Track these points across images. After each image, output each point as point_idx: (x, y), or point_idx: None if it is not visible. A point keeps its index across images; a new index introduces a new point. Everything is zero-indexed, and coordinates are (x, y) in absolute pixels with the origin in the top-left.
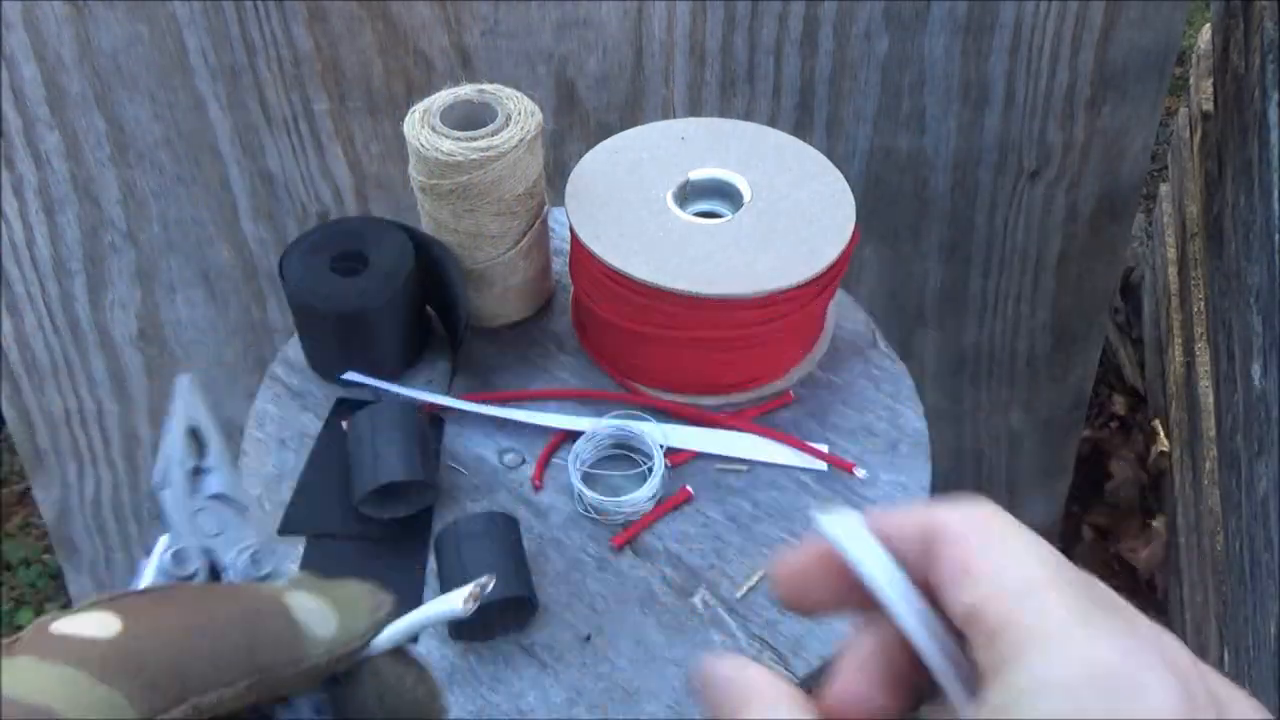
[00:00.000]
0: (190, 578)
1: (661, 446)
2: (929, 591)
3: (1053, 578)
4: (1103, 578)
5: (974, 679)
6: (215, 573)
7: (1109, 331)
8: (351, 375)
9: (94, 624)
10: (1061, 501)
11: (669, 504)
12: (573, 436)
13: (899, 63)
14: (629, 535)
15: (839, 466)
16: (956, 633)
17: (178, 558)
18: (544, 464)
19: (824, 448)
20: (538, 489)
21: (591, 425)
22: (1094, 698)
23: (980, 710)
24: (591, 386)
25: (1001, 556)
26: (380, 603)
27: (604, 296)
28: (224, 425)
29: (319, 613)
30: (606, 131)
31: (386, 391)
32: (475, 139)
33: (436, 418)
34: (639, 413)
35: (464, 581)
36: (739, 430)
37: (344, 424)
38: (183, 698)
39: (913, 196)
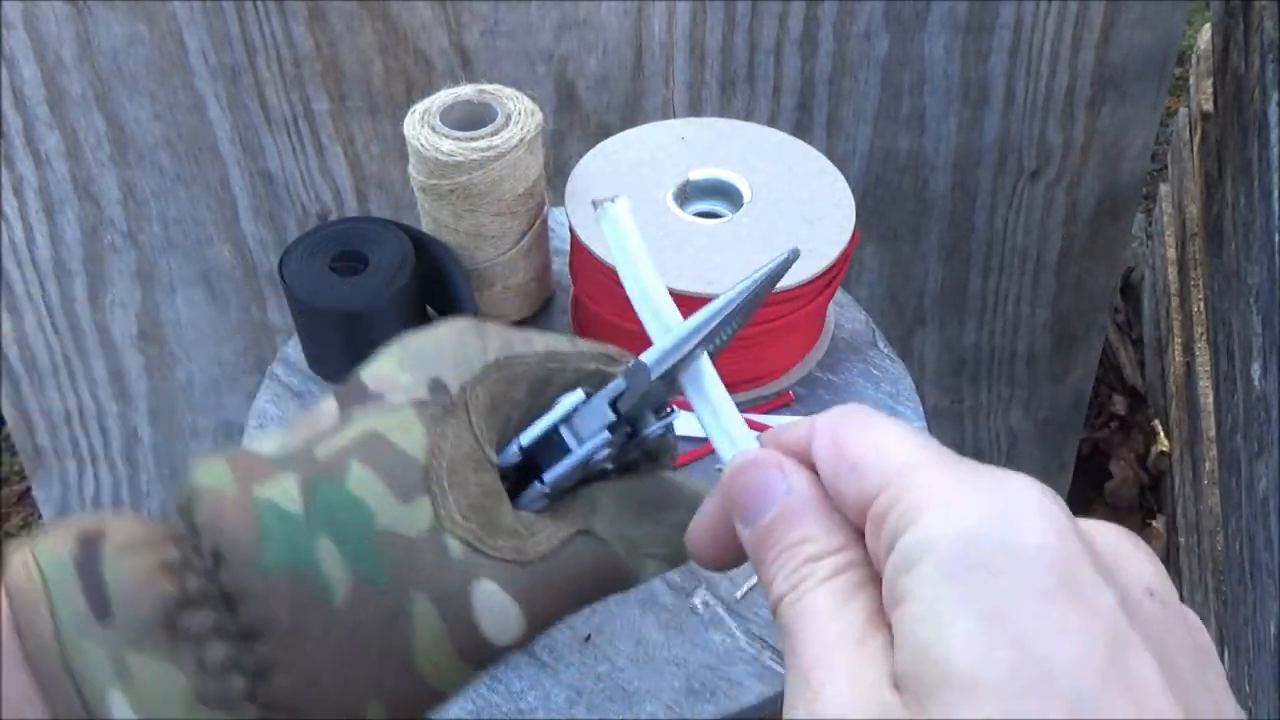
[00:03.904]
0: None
1: None
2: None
3: (927, 455)
4: None
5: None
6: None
7: (1109, 331)
8: None
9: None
10: None
11: None
12: None
13: (899, 63)
14: None
15: None
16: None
17: (601, 460)
18: None
19: None
20: None
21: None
22: (975, 551)
23: (885, 586)
24: None
25: (877, 444)
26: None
27: (604, 296)
28: (224, 425)
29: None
30: (606, 131)
31: None
32: (475, 139)
33: None
34: None
35: None
36: None
37: None
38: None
39: (913, 196)
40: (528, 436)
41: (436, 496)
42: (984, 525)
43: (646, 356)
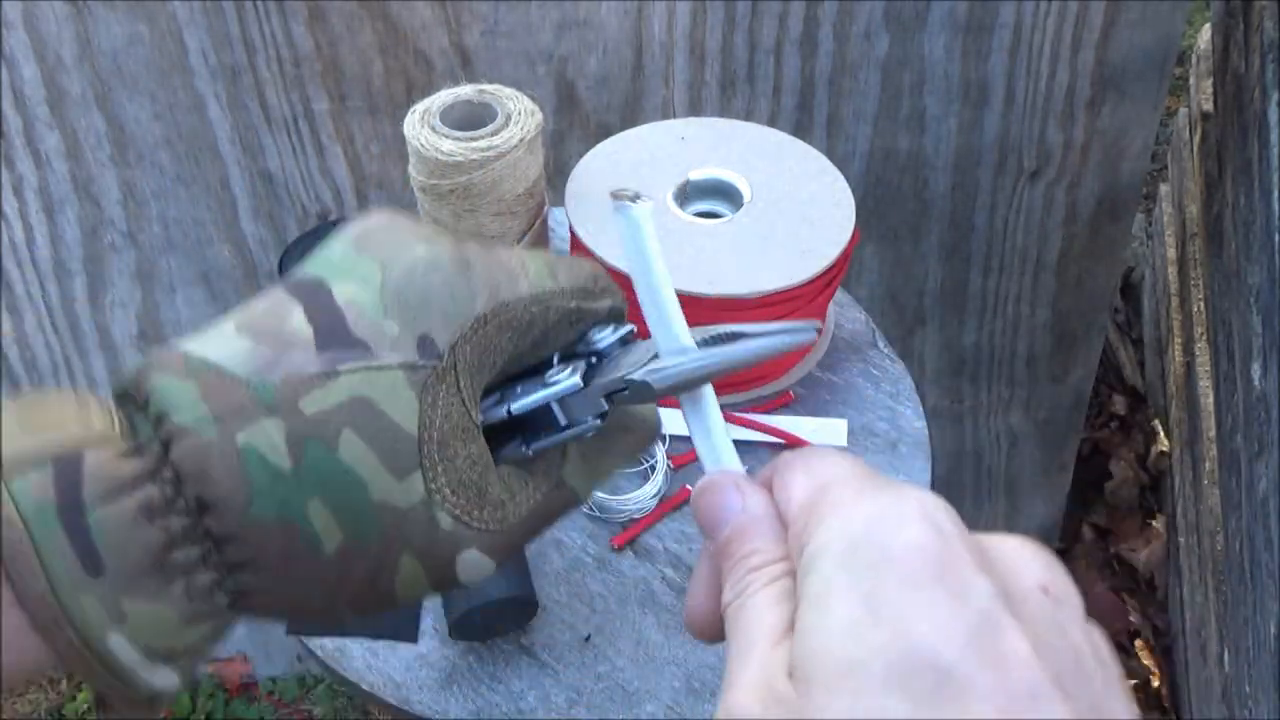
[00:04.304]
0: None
1: (664, 439)
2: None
3: (845, 475)
4: (1102, 577)
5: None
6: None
7: (1109, 331)
8: None
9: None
10: (1061, 501)
11: (669, 504)
12: None
13: (899, 63)
14: (629, 535)
15: None
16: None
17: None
18: None
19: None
20: None
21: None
22: (861, 548)
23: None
24: None
25: (804, 471)
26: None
27: None
28: None
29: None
30: (606, 131)
31: None
32: (475, 139)
33: None
34: None
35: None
36: (739, 427)
37: None
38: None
39: (913, 196)
40: (519, 406)
41: (428, 472)
42: (869, 528)
43: (653, 376)
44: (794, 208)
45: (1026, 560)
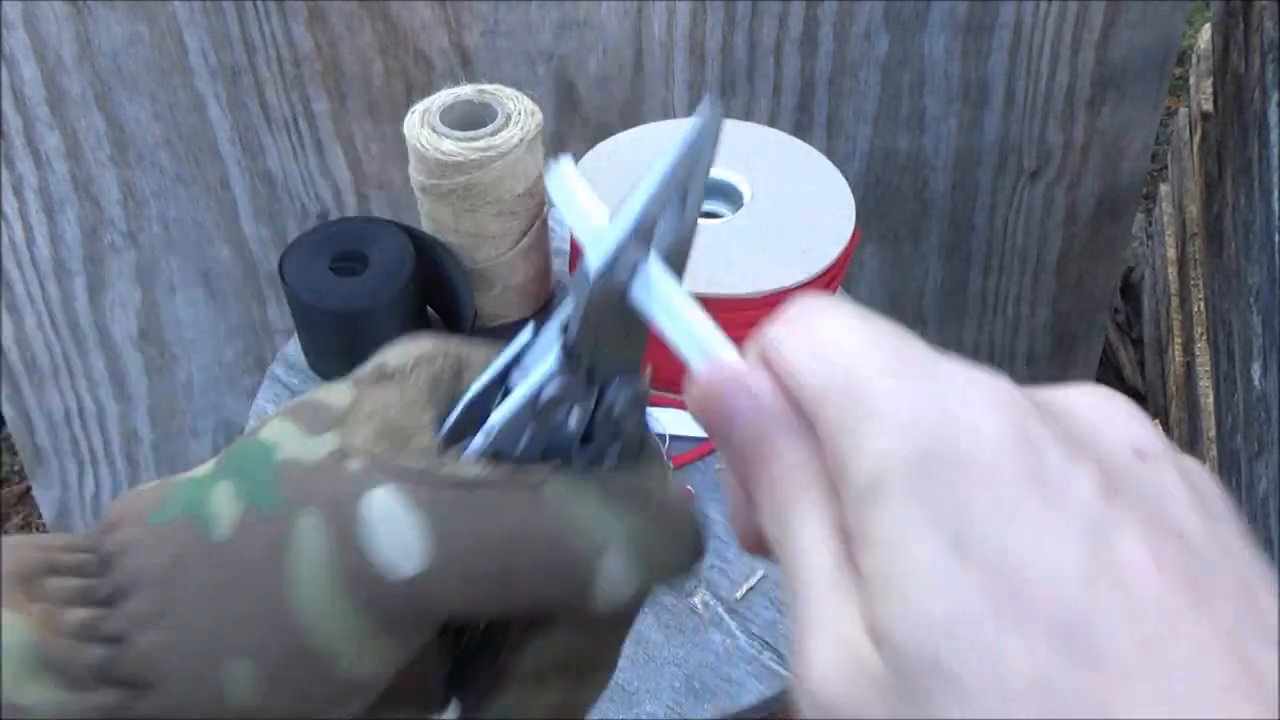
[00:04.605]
0: (556, 429)
1: (664, 439)
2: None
3: (860, 346)
4: None
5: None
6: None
7: (1109, 331)
8: None
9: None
10: None
11: None
12: None
13: (899, 63)
14: None
15: None
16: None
17: (553, 403)
18: None
19: None
20: None
21: None
22: (930, 465)
23: (847, 513)
24: None
25: (809, 345)
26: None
27: None
28: (224, 425)
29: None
30: (606, 132)
31: None
32: (475, 139)
33: None
34: None
35: None
36: None
37: None
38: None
39: (913, 196)
40: (476, 385)
41: (346, 427)
42: (933, 432)
43: (596, 262)
44: (794, 208)
45: (1111, 422)
